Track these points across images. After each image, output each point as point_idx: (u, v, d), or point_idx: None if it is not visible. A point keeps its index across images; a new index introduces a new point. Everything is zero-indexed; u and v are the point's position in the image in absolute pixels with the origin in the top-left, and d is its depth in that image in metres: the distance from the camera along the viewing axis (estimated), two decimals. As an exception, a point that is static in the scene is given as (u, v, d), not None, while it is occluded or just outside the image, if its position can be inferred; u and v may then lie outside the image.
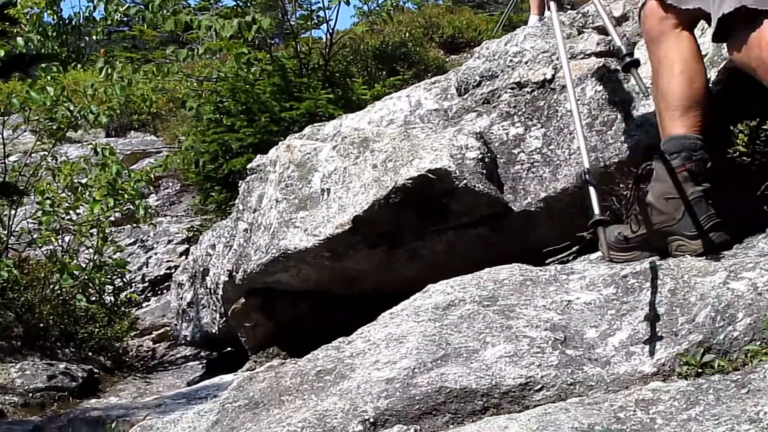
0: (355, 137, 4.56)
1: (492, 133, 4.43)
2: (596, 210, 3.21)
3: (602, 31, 4.63)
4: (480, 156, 4.22)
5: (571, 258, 4.08)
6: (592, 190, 3.28)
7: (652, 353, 2.84)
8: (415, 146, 4.26)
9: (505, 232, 4.30)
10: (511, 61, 4.66)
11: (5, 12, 2.95)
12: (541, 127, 4.31)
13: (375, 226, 4.28)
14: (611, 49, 4.42)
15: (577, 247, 4.12)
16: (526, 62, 4.59)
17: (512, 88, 4.54)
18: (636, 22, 4.59)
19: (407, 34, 13.61)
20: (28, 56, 3.53)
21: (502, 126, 4.45)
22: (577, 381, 2.81)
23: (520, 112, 4.43)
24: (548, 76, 4.45)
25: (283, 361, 3.89)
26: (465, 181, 4.10)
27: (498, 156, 4.36)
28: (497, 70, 4.70)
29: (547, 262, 4.05)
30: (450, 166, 4.09)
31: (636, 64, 3.37)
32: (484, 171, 4.21)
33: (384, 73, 11.60)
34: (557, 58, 4.47)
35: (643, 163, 3.63)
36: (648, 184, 3.53)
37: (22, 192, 4.10)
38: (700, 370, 2.72)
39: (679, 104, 3.44)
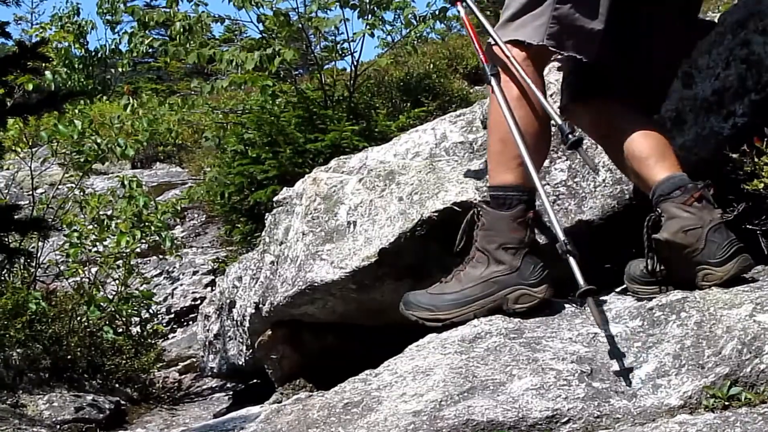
0: (380, 170, 4.59)
1: (517, 165, 4.45)
2: (581, 281, 3.20)
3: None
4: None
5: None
6: (572, 260, 3.28)
7: (678, 386, 2.85)
8: (441, 179, 4.28)
9: (530, 263, 4.30)
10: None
11: (38, 51, 3.00)
12: (566, 160, 4.32)
13: (401, 258, 4.29)
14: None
15: (603, 279, 4.12)
16: (551, 94, 4.61)
17: (536, 120, 4.56)
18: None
19: (431, 66, 13.64)
20: (60, 93, 3.57)
21: (526, 158, 4.46)
22: (603, 414, 2.82)
23: (544, 145, 4.45)
24: (573, 109, 4.46)
25: (310, 393, 3.90)
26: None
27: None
28: (522, 102, 4.72)
29: (572, 294, 4.06)
30: (475, 199, 4.10)
31: (580, 143, 3.38)
32: (510, 203, 4.22)
33: (408, 104, 11.64)
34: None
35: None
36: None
37: (52, 227, 4.14)
38: (726, 403, 2.72)
39: (653, 151, 3.49)
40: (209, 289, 8.57)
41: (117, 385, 6.26)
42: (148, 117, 8.05)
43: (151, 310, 7.27)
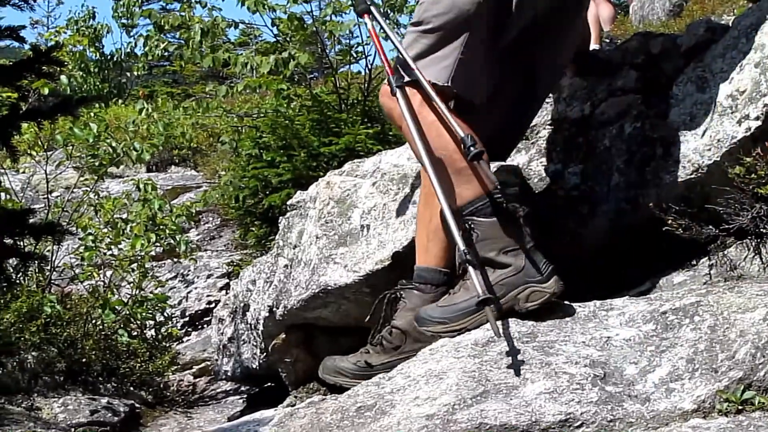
0: (394, 174, 4.59)
1: (531, 169, 4.46)
2: (479, 290, 3.27)
3: (639, 67, 4.65)
4: (518, 192, 4.24)
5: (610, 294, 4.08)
6: (472, 270, 3.35)
7: (692, 390, 2.85)
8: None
9: (543, 267, 4.31)
10: (549, 97, 4.68)
11: (52, 55, 3.02)
12: (579, 164, 4.33)
13: (414, 262, 4.30)
14: (648, 85, 4.44)
15: (616, 282, 4.12)
16: (564, 99, 4.61)
17: (550, 125, 4.57)
18: (674, 59, 4.61)
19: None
20: (75, 98, 3.59)
21: (540, 162, 4.47)
22: (617, 417, 2.82)
23: (558, 149, 4.46)
24: (586, 113, 4.47)
25: (324, 396, 3.91)
26: (504, 218, 4.12)
27: (536, 192, 4.38)
28: (535, 106, 4.73)
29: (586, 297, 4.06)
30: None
31: (480, 155, 3.45)
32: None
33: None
34: (595, 95, 4.50)
35: (681, 198, 3.68)
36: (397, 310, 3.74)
37: (66, 231, 4.15)
38: (740, 407, 2.72)
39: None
40: (224, 292, 8.58)
41: (132, 389, 6.27)
42: (163, 121, 8.07)
43: (165, 314, 7.28)
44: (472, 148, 3.42)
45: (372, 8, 3.96)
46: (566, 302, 3.57)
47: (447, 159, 3.59)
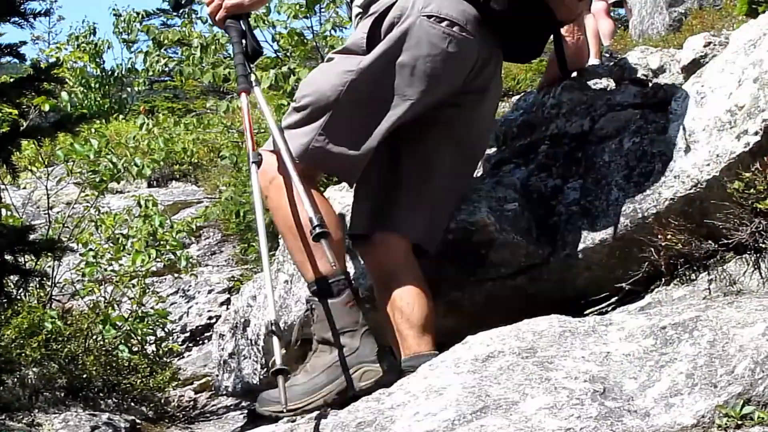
0: (394, 189, 4.60)
1: (530, 184, 4.47)
2: (278, 360, 3.38)
3: (639, 82, 4.66)
4: (518, 208, 4.25)
5: (609, 309, 4.09)
6: (275, 340, 3.47)
7: (691, 405, 2.85)
8: (454, 198, 4.29)
9: (543, 282, 4.31)
10: (548, 113, 4.70)
11: (52, 72, 3.03)
12: (579, 179, 4.34)
13: (414, 277, 4.31)
14: (648, 100, 4.45)
15: (616, 298, 4.13)
16: (564, 114, 4.62)
17: (550, 140, 4.58)
18: (673, 74, 4.63)
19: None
20: (75, 116, 3.62)
21: (540, 177, 4.48)
22: (616, 433, 2.82)
23: (558, 164, 4.47)
24: (586, 128, 4.48)
25: (324, 412, 3.91)
26: (504, 233, 4.13)
27: (536, 207, 4.38)
28: (535, 121, 4.74)
29: (585, 313, 4.07)
30: (488, 218, 4.12)
31: (324, 235, 3.52)
32: (523, 223, 4.24)
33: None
34: (594, 110, 4.51)
35: (680, 213, 3.70)
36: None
37: (67, 248, 4.17)
38: (739, 422, 2.72)
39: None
40: (224, 307, 8.59)
41: (132, 404, 6.28)
42: (164, 136, 8.08)
43: (166, 329, 7.29)
44: (316, 228, 3.53)
45: (255, 88, 4.12)
46: (565, 317, 3.57)
47: (297, 238, 3.77)
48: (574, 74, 4.71)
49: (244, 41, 4.16)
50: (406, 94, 3.83)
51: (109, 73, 18.91)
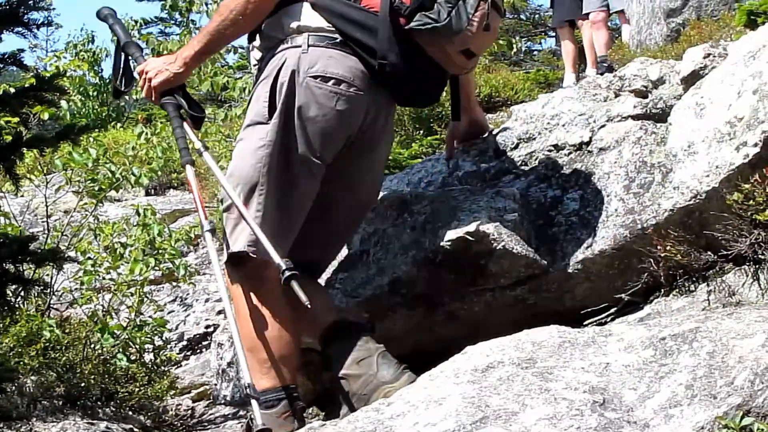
0: (393, 199, 4.61)
1: (530, 194, 4.47)
2: (259, 421, 3.47)
3: (639, 93, 4.68)
4: (518, 218, 4.26)
5: (608, 320, 4.10)
6: (254, 403, 3.56)
7: (691, 416, 2.85)
8: (454, 208, 4.30)
9: (542, 293, 4.32)
10: (548, 123, 4.71)
11: (54, 82, 3.04)
12: (579, 189, 4.35)
13: (413, 287, 4.31)
14: (648, 111, 4.47)
15: (615, 308, 4.14)
16: (563, 125, 4.63)
17: (549, 151, 4.59)
18: (672, 85, 4.65)
19: (444, 94, 13.61)
20: (77, 127, 3.63)
21: (539, 188, 4.49)
22: (616, 444, 2.82)
23: (557, 175, 4.47)
24: (585, 139, 4.49)
25: (323, 422, 3.90)
26: (503, 243, 4.13)
27: (536, 218, 4.39)
28: (535, 132, 4.74)
29: (585, 323, 4.07)
30: (488, 228, 4.12)
31: (295, 277, 3.56)
32: (522, 233, 4.24)
33: (421, 132, 11.61)
34: (594, 121, 4.52)
35: (679, 224, 3.71)
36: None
37: (68, 258, 4.18)
38: (739, 434, 2.73)
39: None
40: (222, 316, 8.57)
41: (130, 413, 6.26)
42: (162, 145, 8.08)
43: (164, 338, 7.27)
44: (286, 272, 3.57)
45: (204, 153, 4.35)
46: (565, 327, 3.57)
47: (256, 347, 3.93)
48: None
49: (182, 112, 4.25)
50: (308, 155, 3.89)
51: (108, 81, 18.87)
